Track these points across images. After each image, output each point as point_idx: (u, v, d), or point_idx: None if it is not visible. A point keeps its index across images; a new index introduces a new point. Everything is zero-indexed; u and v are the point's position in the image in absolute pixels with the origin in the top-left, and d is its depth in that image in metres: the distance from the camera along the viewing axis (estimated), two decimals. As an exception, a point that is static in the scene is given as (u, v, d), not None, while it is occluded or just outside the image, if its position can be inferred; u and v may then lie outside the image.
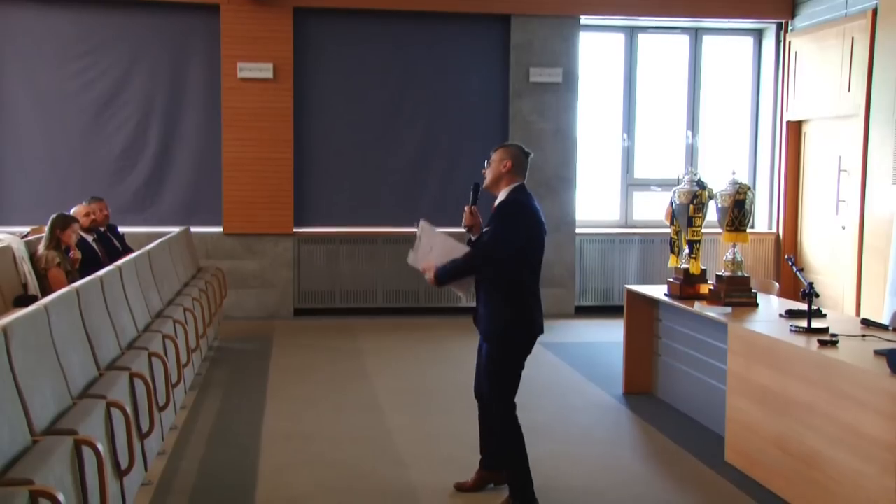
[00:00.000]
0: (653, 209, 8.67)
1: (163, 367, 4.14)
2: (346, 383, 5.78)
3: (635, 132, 8.84)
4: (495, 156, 3.62)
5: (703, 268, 5.12)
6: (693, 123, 8.88)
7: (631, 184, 8.83)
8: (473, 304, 3.61)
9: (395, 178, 8.39)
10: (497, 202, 3.55)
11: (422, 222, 3.76)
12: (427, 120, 8.39)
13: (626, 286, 5.66)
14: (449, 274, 3.53)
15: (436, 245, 3.64)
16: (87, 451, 2.75)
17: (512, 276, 3.44)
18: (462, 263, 3.52)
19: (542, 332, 3.55)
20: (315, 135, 8.28)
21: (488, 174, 3.61)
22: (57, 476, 2.51)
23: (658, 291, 5.34)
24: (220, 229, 8.14)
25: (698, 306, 4.75)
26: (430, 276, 3.58)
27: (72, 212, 6.04)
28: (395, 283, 8.33)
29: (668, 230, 5.39)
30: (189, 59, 8.10)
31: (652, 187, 8.82)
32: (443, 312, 8.34)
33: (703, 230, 5.09)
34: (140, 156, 8.13)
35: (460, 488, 3.83)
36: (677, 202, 5.09)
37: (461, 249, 3.56)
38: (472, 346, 6.83)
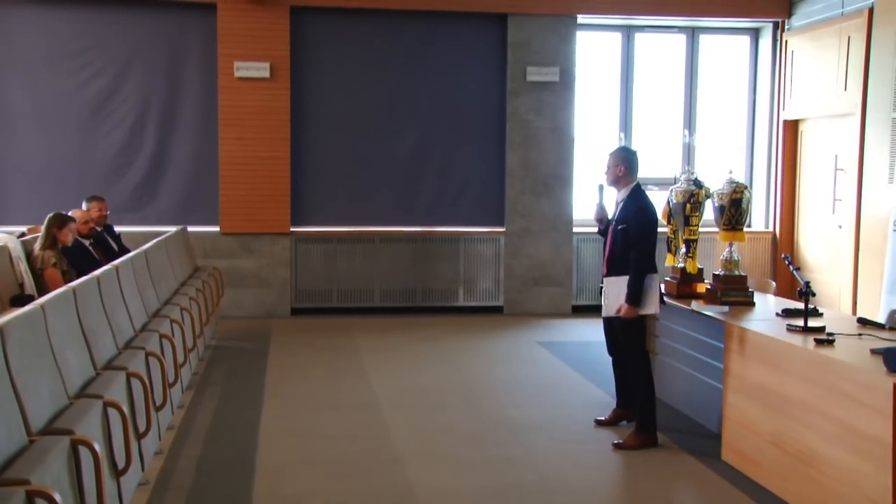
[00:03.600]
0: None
1: (160, 367, 4.12)
2: (344, 381, 5.78)
3: (632, 131, 8.81)
4: (610, 161, 4.52)
5: (699, 267, 5.12)
6: (690, 122, 8.86)
7: None
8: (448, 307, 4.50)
9: (392, 176, 8.38)
10: (623, 200, 4.46)
11: (605, 279, 4.53)
12: (424, 119, 8.38)
13: None
14: (636, 294, 4.34)
15: (612, 287, 4.45)
16: (83, 451, 2.74)
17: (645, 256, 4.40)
18: (635, 278, 4.33)
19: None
20: (312, 134, 8.26)
21: (608, 177, 4.53)
22: (54, 476, 2.50)
23: None
24: (217, 228, 8.12)
25: (695, 305, 4.74)
26: (628, 310, 4.35)
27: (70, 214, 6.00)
28: (392, 282, 8.33)
29: (664, 229, 5.34)
30: (186, 57, 8.07)
31: (649, 186, 8.63)
32: (440, 312, 8.35)
33: (700, 229, 5.09)
34: (137, 155, 8.10)
35: (600, 423, 4.71)
36: (674, 201, 5.09)
37: (625, 280, 4.37)
38: (468, 344, 7.19)
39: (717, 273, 4.91)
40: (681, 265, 5.11)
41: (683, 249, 5.09)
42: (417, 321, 7.99)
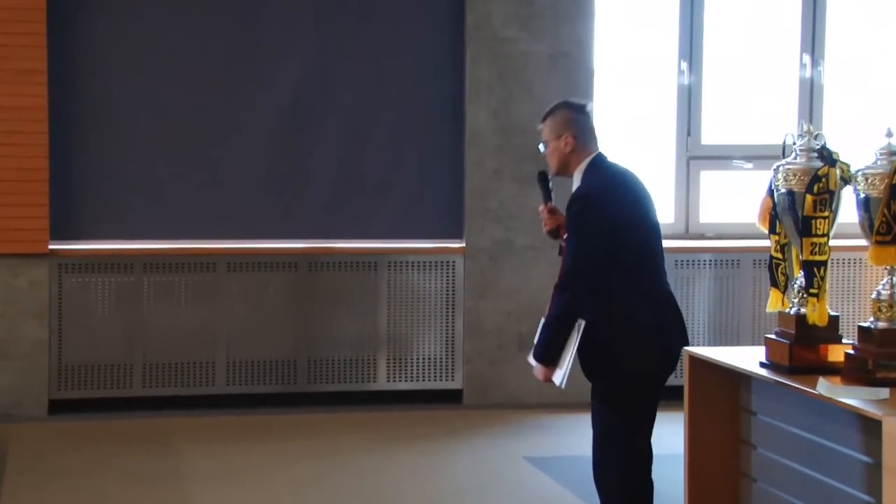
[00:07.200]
0: (735, 203, 8.74)
1: None
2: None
3: (703, 61, 8.89)
4: (547, 132, 4.90)
5: (832, 313, 5.06)
6: (812, 45, 8.94)
7: (695, 156, 8.88)
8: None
9: (251, 152, 8.42)
10: (575, 190, 4.87)
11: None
12: (312, 53, 8.45)
13: (687, 349, 5.56)
14: (546, 346, 4.77)
15: None
16: None
17: (607, 287, 4.73)
18: (552, 320, 4.74)
19: (680, 346, 4.99)
20: (95, 77, 8.24)
21: (551, 161, 4.95)
22: None
23: (748, 358, 5.34)
24: None
25: (825, 386, 4.65)
26: (535, 370, 4.88)
27: None
28: (250, 345, 8.31)
29: (764, 242, 5.39)
30: None
31: (734, 162, 8.88)
32: (344, 402, 8.35)
33: (833, 242, 5.04)
34: None
35: None
36: (782, 190, 5.05)
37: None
38: (399, 465, 7.11)
39: (865, 325, 4.90)
40: (796, 310, 5.11)
41: (801, 280, 5.08)
42: (300, 421, 8.03)
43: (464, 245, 8.50)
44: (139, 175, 8.33)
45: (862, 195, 4.87)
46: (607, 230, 4.70)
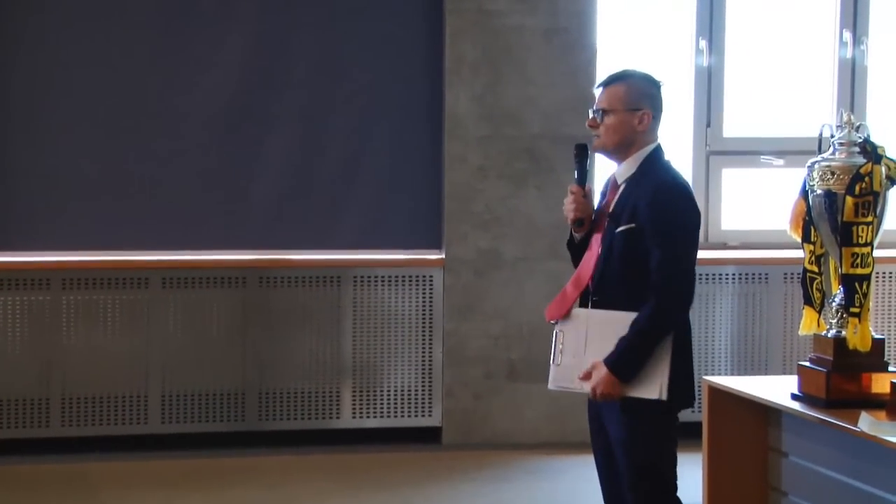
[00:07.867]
0: (763, 207, 8.71)
1: None
2: None
3: (724, 39, 8.76)
4: (616, 99, 4.72)
5: (877, 336, 5.10)
6: (854, 20, 8.82)
7: (716, 151, 8.76)
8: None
9: (188, 150, 8.29)
10: (627, 179, 4.77)
11: (575, 311, 4.85)
12: (258, 28, 8.37)
13: (706, 378, 5.80)
14: (634, 359, 4.59)
15: (591, 331, 4.76)
16: None
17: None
18: (643, 336, 4.58)
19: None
20: (12, 63, 8.13)
21: (607, 132, 4.74)
22: None
23: (777, 389, 5.39)
24: None
25: (868, 422, 4.60)
26: (603, 384, 4.60)
27: None
28: (189, 375, 8.12)
29: (797, 253, 5.40)
30: None
31: (762, 158, 8.68)
32: (300, 442, 8.18)
33: (878, 252, 5.17)
34: None
35: None
36: (818, 191, 5.09)
37: (623, 317, 4.66)
38: None
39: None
40: (834, 333, 5.09)
41: (840, 297, 5.09)
42: (250, 465, 7.94)
43: (443, 256, 8.34)
44: (56, 175, 8.13)
45: (914, 197, 4.83)
46: (697, 227, 4.79)
